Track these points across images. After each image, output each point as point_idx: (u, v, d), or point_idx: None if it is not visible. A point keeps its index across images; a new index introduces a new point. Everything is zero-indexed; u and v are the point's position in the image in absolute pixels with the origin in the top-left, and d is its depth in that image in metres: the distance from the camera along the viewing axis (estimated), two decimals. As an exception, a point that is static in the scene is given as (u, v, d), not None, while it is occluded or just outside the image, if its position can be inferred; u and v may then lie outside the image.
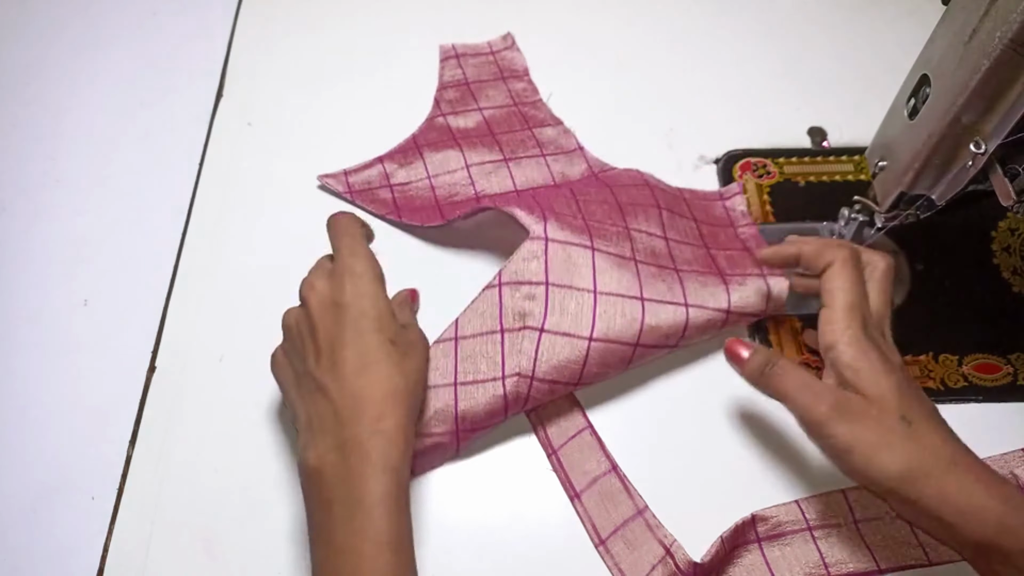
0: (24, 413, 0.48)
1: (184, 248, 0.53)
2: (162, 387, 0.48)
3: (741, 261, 0.49)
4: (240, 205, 0.55)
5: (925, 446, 0.34)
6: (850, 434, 0.35)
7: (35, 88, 0.63)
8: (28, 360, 0.50)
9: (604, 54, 0.63)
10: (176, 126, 0.59)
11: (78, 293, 0.52)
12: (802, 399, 0.37)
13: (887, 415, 0.35)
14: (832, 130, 0.58)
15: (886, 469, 0.34)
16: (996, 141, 0.37)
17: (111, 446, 0.46)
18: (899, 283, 0.50)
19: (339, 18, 0.66)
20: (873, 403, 0.35)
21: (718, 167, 0.56)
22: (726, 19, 0.65)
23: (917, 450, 0.34)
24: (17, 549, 0.43)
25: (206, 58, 0.63)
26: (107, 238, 0.54)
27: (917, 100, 0.40)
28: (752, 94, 0.60)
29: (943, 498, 0.33)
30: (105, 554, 0.42)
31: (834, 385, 0.37)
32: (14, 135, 0.60)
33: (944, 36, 0.38)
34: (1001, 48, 0.34)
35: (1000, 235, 0.52)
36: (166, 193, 0.56)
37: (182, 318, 0.50)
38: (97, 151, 0.59)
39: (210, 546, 0.43)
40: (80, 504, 0.44)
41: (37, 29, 0.66)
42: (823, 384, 0.37)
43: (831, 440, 0.36)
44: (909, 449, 0.34)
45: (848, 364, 0.37)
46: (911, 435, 0.35)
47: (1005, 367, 0.47)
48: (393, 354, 0.37)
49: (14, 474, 0.45)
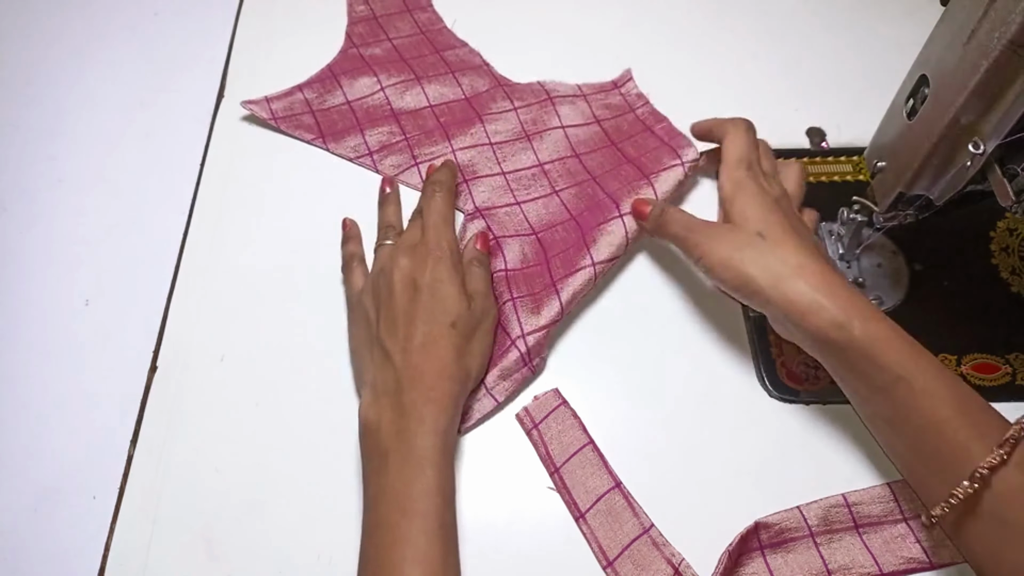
0: (25, 413, 0.48)
1: (185, 248, 0.53)
2: (163, 387, 0.48)
3: (645, 143, 0.56)
4: (241, 205, 0.55)
5: (775, 256, 0.41)
6: (710, 251, 0.43)
7: (36, 88, 0.63)
8: (29, 360, 0.50)
9: (603, 55, 0.63)
10: (177, 126, 0.59)
11: (79, 293, 0.52)
12: (681, 233, 0.45)
13: (744, 232, 0.42)
14: (831, 130, 0.58)
15: (737, 275, 0.41)
16: (995, 141, 0.37)
17: (112, 446, 0.46)
18: (898, 283, 0.50)
19: (339, 18, 0.66)
20: (736, 225, 0.43)
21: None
22: (726, 19, 0.65)
23: (766, 259, 0.41)
24: (18, 549, 0.43)
25: (207, 58, 0.63)
26: (108, 238, 0.54)
27: (916, 100, 0.40)
28: (751, 94, 0.60)
29: (788, 299, 0.39)
30: (106, 554, 0.42)
31: (702, 220, 0.45)
32: (15, 135, 0.60)
33: (943, 37, 0.38)
34: (1000, 49, 0.34)
35: (999, 235, 0.52)
36: (167, 193, 0.56)
37: (183, 318, 0.50)
38: (98, 151, 0.59)
39: (211, 546, 0.43)
40: (81, 504, 0.44)
41: (38, 29, 0.66)
42: (699, 220, 0.45)
43: (697, 259, 0.44)
44: (758, 258, 0.41)
45: (725, 198, 0.45)
46: (764, 247, 0.41)
47: (1004, 367, 0.47)
48: (453, 336, 0.43)
49: (15, 474, 0.46)
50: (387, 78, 0.60)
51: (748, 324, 0.49)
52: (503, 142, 0.57)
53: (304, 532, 0.43)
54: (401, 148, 0.57)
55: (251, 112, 0.58)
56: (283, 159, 0.57)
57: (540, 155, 0.56)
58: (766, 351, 0.48)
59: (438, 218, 0.47)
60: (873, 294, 0.50)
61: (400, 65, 0.61)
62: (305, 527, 0.43)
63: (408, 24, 0.65)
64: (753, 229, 0.42)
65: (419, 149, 0.57)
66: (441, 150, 0.56)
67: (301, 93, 0.60)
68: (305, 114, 0.58)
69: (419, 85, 0.60)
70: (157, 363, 0.49)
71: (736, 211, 0.44)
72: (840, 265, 0.51)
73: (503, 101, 0.59)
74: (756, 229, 0.42)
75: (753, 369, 0.48)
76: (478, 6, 0.66)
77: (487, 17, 0.66)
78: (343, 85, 0.60)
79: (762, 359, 0.48)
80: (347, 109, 0.59)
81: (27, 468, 0.46)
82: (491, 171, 0.55)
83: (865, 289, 0.50)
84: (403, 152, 0.57)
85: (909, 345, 0.38)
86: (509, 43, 0.64)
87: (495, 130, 0.57)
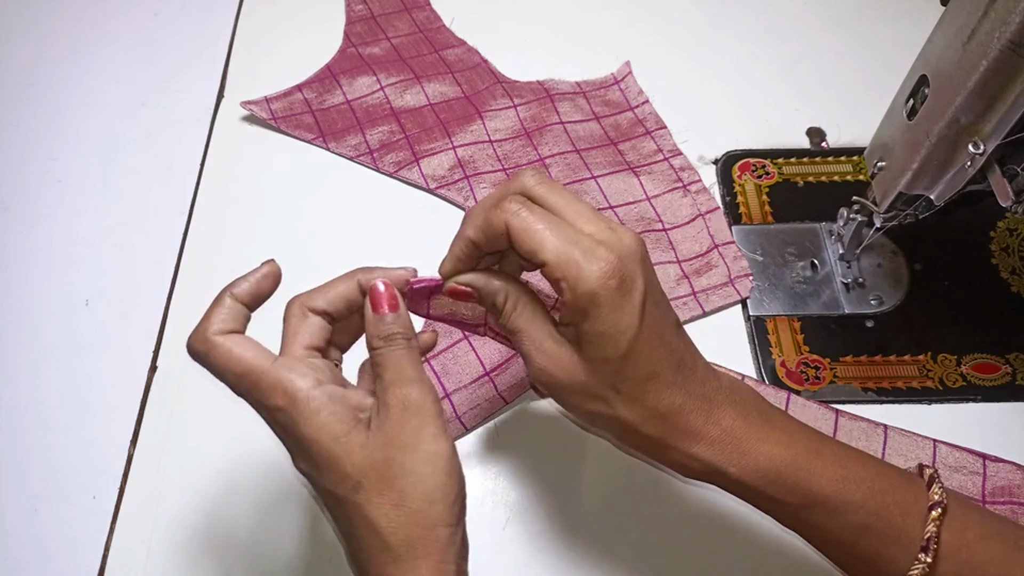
0: (25, 413, 0.48)
1: (185, 248, 0.53)
2: (163, 387, 0.48)
3: (643, 147, 0.57)
4: (241, 205, 0.55)
5: (633, 413, 0.31)
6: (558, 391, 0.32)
7: (37, 88, 0.63)
8: (29, 360, 0.50)
9: (604, 56, 0.63)
10: (177, 126, 0.59)
11: (79, 293, 0.52)
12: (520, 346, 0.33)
13: (598, 383, 0.31)
14: (831, 131, 0.58)
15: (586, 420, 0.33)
16: (994, 141, 0.37)
17: (112, 446, 0.46)
18: (898, 283, 0.50)
19: (339, 18, 0.66)
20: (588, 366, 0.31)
21: (717, 167, 0.57)
22: (726, 19, 0.65)
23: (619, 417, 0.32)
24: (18, 548, 0.43)
25: (207, 59, 0.63)
26: (108, 238, 0.54)
27: (916, 101, 0.40)
28: (751, 95, 0.61)
29: (652, 453, 0.33)
30: (106, 553, 0.42)
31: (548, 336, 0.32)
32: (16, 135, 0.60)
33: (943, 37, 0.38)
34: (1000, 49, 0.34)
35: (999, 235, 0.52)
36: (167, 193, 0.56)
37: (183, 318, 0.50)
38: (99, 151, 0.59)
39: (211, 546, 0.43)
40: (81, 503, 0.44)
41: (39, 30, 0.66)
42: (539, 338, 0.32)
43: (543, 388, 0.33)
44: (611, 414, 0.32)
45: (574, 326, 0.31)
46: (618, 404, 0.32)
47: (1004, 367, 0.47)
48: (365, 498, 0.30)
49: (15, 474, 0.46)
50: (386, 77, 0.60)
51: (748, 325, 0.50)
52: (503, 139, 0.57)
53: (304, 532, 0.43)
54: (401, 146, 0.57)
55: (251, 112, 0.58)
56: (283, 159, 0.57)
57: (541, 150, 0.57)
58: (766, 351, 0.48)
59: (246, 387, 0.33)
60: (873, 294, 0.50)
61: (399, 64, 0.61)
62: (305, 527, 0.43)
63: (407, 23, 0.65)
64: (607, 382, 0.31)
65: (419, 146, 0.57)
66: (441, 146, 0.56)
67: (300, 93, 0.60)
68: (305, 114, 0.59)
69: (418, 84, 0.60)
70: (157, 363, 0.49)
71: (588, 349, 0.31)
72: (840, 265, 0.51)
73: (502, 99, 0.59)
74: (611, 382, 0.31)
75: (753, 369, 0.48)
76: (477, 5, 0.66)
77: (486, 17, 0.66)
78: (342, 84, 0.60)
79: (762, 359, 0.48)
80: (347, 108, 0.59)
81: (27, 468, 0.46)
82: (492, 167, 0.55)
83: (865, 289, 0.50)
84: (403, 149, 0.57)
85: (802, 468, 0.32)
86: (508, 42, 0.64)
87: (495, 128, 0.58)
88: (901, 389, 0.47)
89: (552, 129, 0.58)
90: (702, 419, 0.32)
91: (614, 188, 0.55)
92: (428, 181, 0.55)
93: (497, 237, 0.31)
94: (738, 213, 0.54)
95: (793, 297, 0.50)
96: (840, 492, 0.32)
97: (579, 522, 0.43)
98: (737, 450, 0.32)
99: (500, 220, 0.30)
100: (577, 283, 0.29)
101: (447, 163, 0.56)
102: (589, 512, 0.43)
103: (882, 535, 0.32)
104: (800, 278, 0.51)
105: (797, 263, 0.52)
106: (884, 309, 0.50)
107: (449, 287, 0.34)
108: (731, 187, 0.55)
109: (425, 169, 0.55)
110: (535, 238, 0.30)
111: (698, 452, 0.32)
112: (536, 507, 0.44)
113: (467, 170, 0.55)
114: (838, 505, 0.32)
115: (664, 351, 0.32)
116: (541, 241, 0.30)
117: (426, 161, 0.56)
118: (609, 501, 0.44)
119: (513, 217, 0.30)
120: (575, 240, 0.30)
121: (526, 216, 0.30)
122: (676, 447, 0.32)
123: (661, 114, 0.59)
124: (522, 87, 0.61)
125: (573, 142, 0.57)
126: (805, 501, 0.32)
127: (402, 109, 0.59)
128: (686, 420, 0.32)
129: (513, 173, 0.54)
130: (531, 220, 0.30)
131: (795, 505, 0.32)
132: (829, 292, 0.50)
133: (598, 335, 0.30)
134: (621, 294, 0.30)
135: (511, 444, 0.46)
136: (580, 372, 0.31)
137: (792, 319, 0.50)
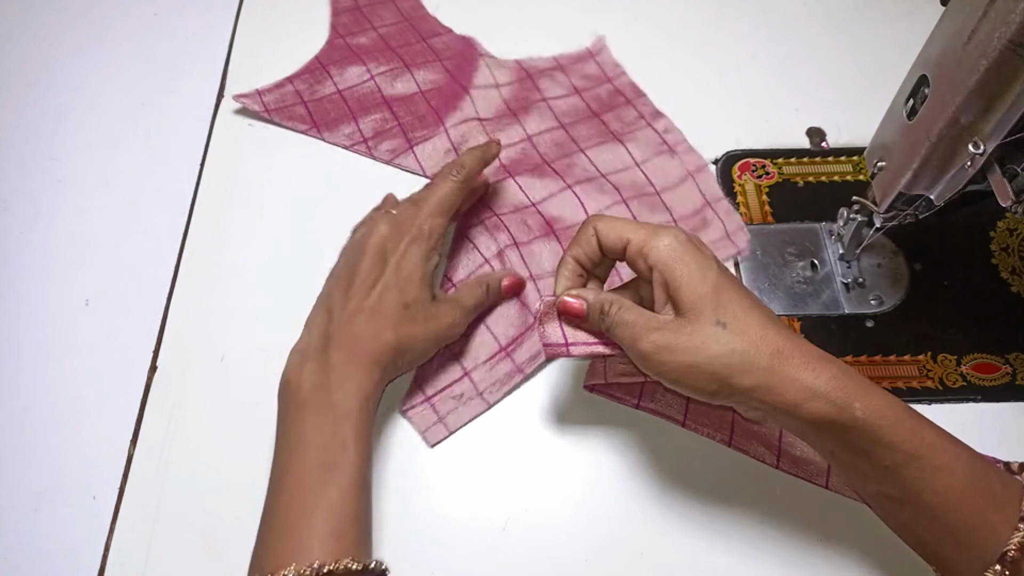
0: (25, 413, 0.48)
1: (185, 248, 0.53)
2: (163, 387, 0.48)
3: (625, 115, 0.59)
4: (241, 205, 0.55)
5: (746, 347, 0.34)
6: (669, 361, 0.35)
7: (37, 88, 0.63)
8: (29, 360, 0.50)
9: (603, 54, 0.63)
10: (177, 126, 0.59)
11: (79, 293, 0.52)
12: (627, 341, 0.37)
13: (702, 324, 0.35)
14: (831, 130, 0.58)
15: (709, 380, 0.35)
16: (995, 141, 0.37)
17: (112, 446, 0.46)
18: (898, 283, 0.50)
19: (339, 19, 0.66)
20: (688, 318, 0.35)
21: (717, 167, 0.57)
22: (726, 19, 0.65)
23: (738, 355, 0.34)
24: (18, 549, 0.43)
25: (207, 58, 0.63)
26: (108, 238, 0.54)
27: (916, 100, 0.40)
28: (751, 95, 0.61)
29: (775, 393, 0.34)
30: (106, 553, 0.42)
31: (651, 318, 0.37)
32: (16, 135, 0.60)
33: (943, 36, 0.38)
34: (1000, 48, 0.34)
35: (999, 235, 0.52)
36: (167, 193, 0.56)
37: (183, 318, 0.50)
38: (98, 151, 0.59)
39: (211, 546, 0.43)
40: (81, 503, 0.44)
41: (39, 29, 0.66)
42: (643, 320, 0.37)
43: (657, 373, 0.36)
44: (728, 356, 0.34)
45: (659, 281, 0.37)
46: (730, 340, 0.34)
47: (1004, 367, 0.47)
48: (402, 315, 0.42)
49: (15, 474, 0.46)
50: (376, 66, 0.61)
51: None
52: (490, 119, 0.58)
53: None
54: (395, 133, 0.57)
55: (243, 105, 0.58)
56: (283, 159, 0.57)
57: (527, 128, 0.58)
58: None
59: (435, 204, 0.46)
60: (873, 294, 0.50)
61: (388, 53, 0.62)
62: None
63: (392, 12, 0.66)
64: (710, 318, 0.35)
65: (412, 133, 0.57)
66: (434, 131, 0.57)
67: (292, 85, 0.60)
68: (297, 105, 0.59)
69: (408, 72, 0.61)
70: (157, 363, 0.49)
71: (683, 294, 0.36)
72: (840, 265, 0.51)
73: (487, 79, 0.60)
74: (713, 317, 0.35)
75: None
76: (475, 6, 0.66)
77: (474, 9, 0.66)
78: (333, 75, 0.60)
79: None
80: (339, 98, 0.59)
81: (27, 468, 0.46)
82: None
83: (865, 289, 0.50)
84: (397, 137, 0.57)
85: (913, 418, 0.34)
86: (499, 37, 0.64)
87: (482, 107, 0.58)
88: (901, 389, 0.47)
89: (537, 106, 0.59)
90: (815, 356, 0.34)
91: (603, 158, 0.56)
92: (425, 168, 0.56)
93: (592, 247, 0.40)
94: (738, 213, 0.54)
95: (793, 297, 0.50)
96: (948, 446, 0.33)
97: (579, 522, 0.43)
98: (859, 387, 0.34)
99: (589, 231, 0.40)
100: (658, 247, 0.37)
101: (441, 148, 0.56)
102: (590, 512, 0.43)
103: (987, 499, 0.32)
104: (800, 278, 0.51)
105: (797, 263, 0.52)
106: (884, 309, 0.50)
107: (561, 302, 0.40)
108: (731, 187, 0.55)
109: (420, 155, 0.56)
110: (618, 230, 0.39)
111: (820, 385, 0.33)
112: (536, 507, 0.44)
113: (459, 150, 0.56)
114: (946, 460, 0.33)
115: (752, 296, 0.37)
116: (622, 229, 0.38)
117: (420, 147, 0.56)
118: (609, 501, 0.44)
119: (598, 222, 0.39)
120: (644, 226, 0.38)
121: (607, 219, 0.39)
122: (798, 378, 0.34)
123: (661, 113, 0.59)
124: (502, 65, 0.61)
125: (557, 117, 0.58)
126: (917, 450, 0.33)
127: (393, 97, 0.59)
128: (800, 353, 0.34)
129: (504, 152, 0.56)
130: (611, 220, 0.39)
131: (904, 454, 0.33)
132: (829, 292, 0.50)
133: (688, 278, 0.36)
134: (695, 246, 0.37)
135: (511, 444, 0.46)
136: (685, 325, 0.35)
137: (792, 319, 0.50)
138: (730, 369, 0.34)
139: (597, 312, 0.39)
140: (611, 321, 0.38)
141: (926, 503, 0.33)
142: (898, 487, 0.34)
